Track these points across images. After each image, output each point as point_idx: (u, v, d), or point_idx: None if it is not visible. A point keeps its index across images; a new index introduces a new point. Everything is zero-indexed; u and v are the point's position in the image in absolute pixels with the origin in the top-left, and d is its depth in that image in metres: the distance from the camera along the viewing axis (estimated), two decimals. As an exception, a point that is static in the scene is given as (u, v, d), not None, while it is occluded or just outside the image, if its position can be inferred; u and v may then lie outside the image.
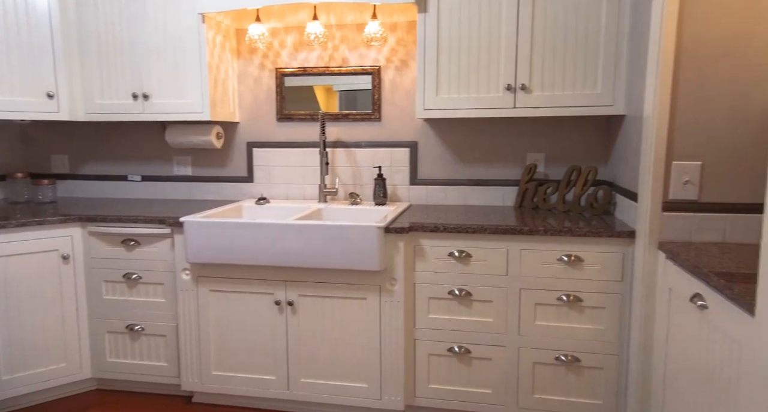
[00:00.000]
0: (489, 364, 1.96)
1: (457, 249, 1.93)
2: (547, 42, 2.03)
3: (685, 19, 1.58)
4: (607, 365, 1.87)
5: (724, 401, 1.22)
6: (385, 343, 1.98)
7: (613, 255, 1.83)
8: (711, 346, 1.29)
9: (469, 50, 2.09)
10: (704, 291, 1.32)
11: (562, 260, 1.87)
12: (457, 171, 2.47)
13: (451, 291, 1.95)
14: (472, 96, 2.12)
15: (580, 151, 2.34)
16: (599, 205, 2.15)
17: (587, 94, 2.03)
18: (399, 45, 2.44)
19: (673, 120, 1.64)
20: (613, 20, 1.97)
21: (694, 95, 1.62)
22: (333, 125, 2.55)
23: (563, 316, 1.89)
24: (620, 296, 1.83)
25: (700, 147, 1.63)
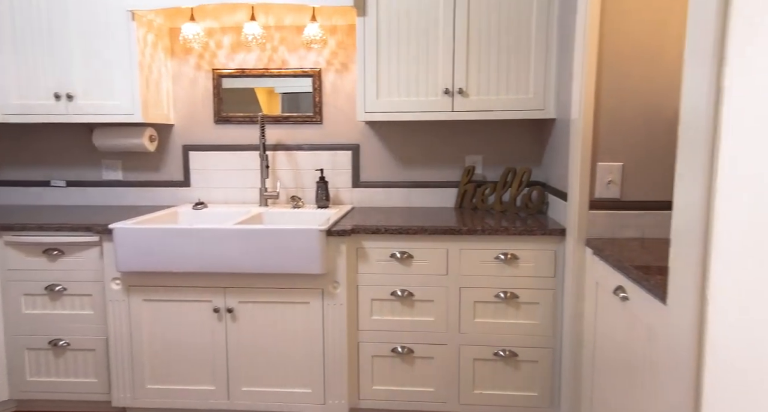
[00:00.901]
0: (431, 362, 2.00)
1: (399, 250, 1.96)
2: (483, 48, 2.10)
3: (605, 32, 1.69)
4: (542, 358, 1.95)
5: (646, 385, 1.30)
6: (328, 347, 1.96)
7: (546, 252, 1.91)
8: (632, 334, 1.38)
9: (408, 55, 2.13)
10: (625, 283, 1.41)
11: (499, 259, 1.93)
12: (399, 173, 2.50)
13: (394, 292, 1.97)
14: (411, 99, 2.15)
15: (516, 153, 2.44)
16: (533, 204, 2.24)
17: (520, 99, 2.11)
18: (339, 48, 2.45)
19: (597, 124, 1.74)
20: (542, 31, 2.06)
21: (614, 101, 1.72)
22: (274, 128, 2.51)
23: (501, 312, 1.96)
24: (553, 292, 1.92)
25: (621, 149, 1.74)
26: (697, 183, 0.95)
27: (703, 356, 0.93)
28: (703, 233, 0.93)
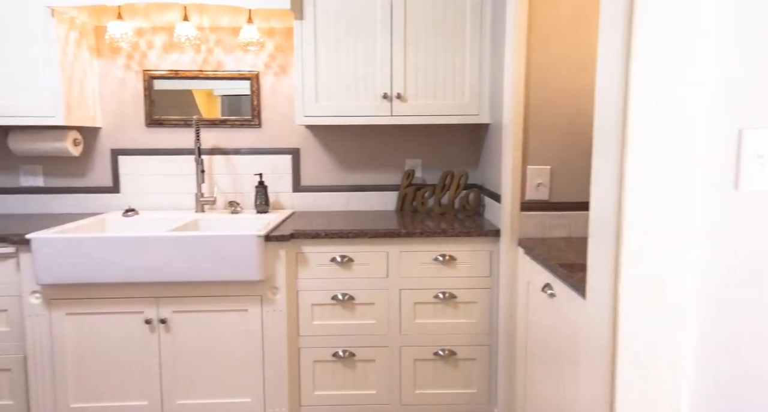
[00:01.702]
0: (373, 365, 2.01)
1: (340, 254, 1.96)
2: (420, 55, 2.14)
3: (533, 43, 1.77)
4: (479, 355, 2.01)
5: (571, 376, 1.37)
6: (268, 354, 1.93)
7: (482, 253, 1.98)
8: (558, 329, 1.45)
9: (347, 59, 2.14)
10: (552, 281, 1.48)
11: (437, 260, 1.98)
12: (340, 177, 2.50)
13: (335, 296, 1.97)
14: (351, 104, 2.16)
15: (454, 157, 2.50)
16: (470, 207, 2.31)
17: (456, 104, 2.17)
18: (278, 51, 2.42)
19: (527, 129, 1.83)
20: (476, 39, 2.13)
21: (542, 108, 1.81)
22: (210, 131, 2.44)
23: (440, 313, 2.00)
24: (489, 291, 1.99)
25: (549, 153, 1.83)
26: (609, 186, 1.01)
27: (616, 348, 1.00)
28: (615, 232, 1.00)
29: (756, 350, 0.95)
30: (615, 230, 1.00)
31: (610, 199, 1.01)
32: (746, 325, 0.95)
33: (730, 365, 0.96)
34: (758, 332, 0.95)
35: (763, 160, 0.95)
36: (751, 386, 0.95)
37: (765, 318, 0.94)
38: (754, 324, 0.95)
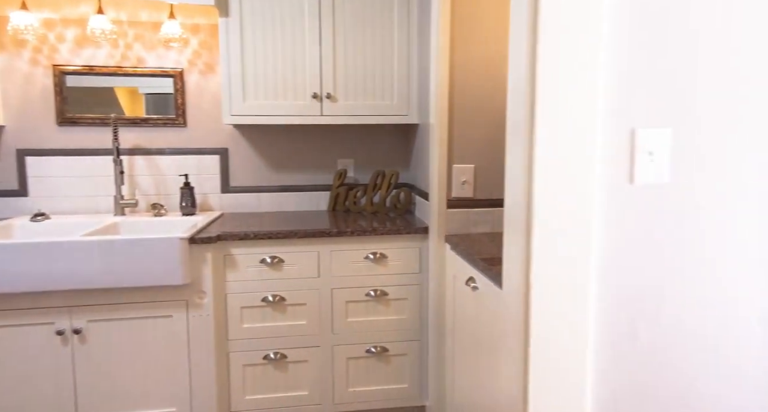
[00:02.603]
0: (305, 366, 1.99)
1: (269, 255, 1.93)
2: (349, 55, 2.16)
3: (456, 46, 1.83)
4: (410, 350, 2.05)
5: (493, 365, 1.44)
6: (194, 361, 1.86)
7: (412, 250, 2.02)
8: (481, 320, 1.51)
9: (275, 58, 2.11)
10: (475, 274, 1.54)
11: (368, 258, 2.00)
12: (270, 178, 2.46)
13: (265, 298, 1.93)
14: (280, 103, 2.14)
15: (386, 157, 2.54)
16: (402, 205, 2.35)
17: (386, 105, 2.21)
18: (203, 48, 2.34)
19: (452, 128, 1.89)
20: (404, 41, 2.18)
21: (466, 108, 1.88)
22: (131, 131, 2.33)
23: (372, 310, 2.02)
24: (419, 287, 2.03)
25: (472, 152, 1.91)
26: (520, 182, 1.07)
27: (529, 333, 1.06)
28: (526, 226, 1.05)
29: (649, 331, 1.04)
30: (526, 223, 1.06)
31: (521, 196, 1.07)
32: (641, 308, 1.04)
33: (628, 344, 1.04)
34: (651, 314, 1.04)
35: (653, 157, 1.04)
36: (645, 361, 1.04)
37: (657, 301, 1.04)
38: (648, 307, 1.04)
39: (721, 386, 1.05)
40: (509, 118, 1.13)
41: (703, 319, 1.04)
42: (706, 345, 1.04)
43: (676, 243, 1.02)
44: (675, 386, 1.05)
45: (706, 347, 1.04)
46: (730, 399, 1.05)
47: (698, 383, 1.05)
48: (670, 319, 1.04)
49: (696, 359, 1.04)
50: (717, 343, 1.04)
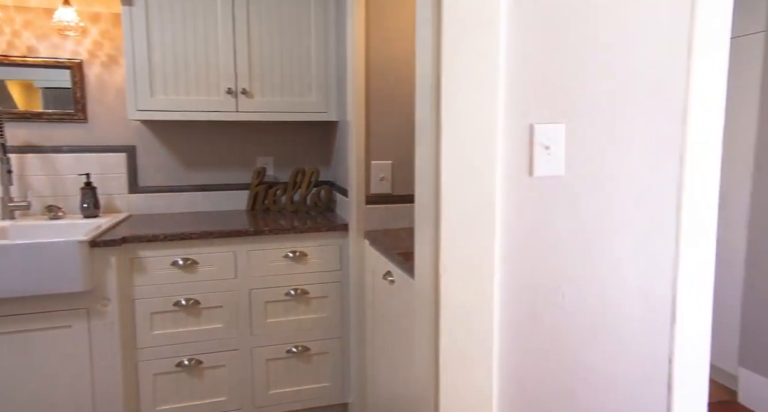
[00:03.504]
0: (222, 370, 1.92)
1: (182, 257, 1.84)
2: (265, 49, 2.11)
3: (371, 46, 1.85)
4: (332, 348, 2.04)
5: (408, 357, 1.47)
6: (98, 373, 1.73)
7: (332, 247, 2.01)
8: (397, 312, 1.54)
9: (186, 50, 2.02)
10: (392, 268, 1.57)
11: (288, 257, 1.96)
12: (183, 177, 2.35)
13: (178, 302, 1.84)
14: (192, 98, 2.05)
15: (307, 154, 2.51)
16: (322, 203, 2.34)
17: (304, 101, 2.18)
18: (105, 38, 2.19)
19: (369, 125, 1.91)
20: (321, 39, 2.16)
21: (382, 106, 1.91)
22: (21, 127, 2.12)
23: (292, 310, 1.99)
24: (340, 284, 2.03)
25: (390, 148, 1.94)
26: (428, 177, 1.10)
27: (439, 323, 1.09)
28: (434, 218, 1.09)
29: (549, 314, 1.11)
30: (434, 216, 1.09)
31: (429, 190, 1.10)
32: (542, 292, 1.10)
33: (530, 327, 1.10)
34: (551, 298, 1.11)
35: (549, 151, 1.11)
36: (546, 341, 1.11)
37: (556, 286, 1.11)
38: (548, 291, 1.11)
39: (610, 359, 1.14)
40: (417, 115, 1.16)
41: (596, 300, 1.12)
42: (598, 324, 1.13)
43: (571, 231, 1.10)
44: (571, 362, 1.13)
45: (598, 325, 1.13)
46: (616, 371, 1.15)
47: (590, 357, 1.13)
48: (568, 302, 1.11)
49: (589, 337, 1.12)
50: (607, 321, 1.13)
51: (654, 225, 1.14)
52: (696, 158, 1.14)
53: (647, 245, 1.14)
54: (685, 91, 1.12)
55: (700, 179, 1.15)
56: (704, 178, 1.15)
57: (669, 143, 1.12)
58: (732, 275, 2.27)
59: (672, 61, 1.09)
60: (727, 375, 2.33)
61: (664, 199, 1.14)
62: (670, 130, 1.11)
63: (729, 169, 2.28)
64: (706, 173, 1.14)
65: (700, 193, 1.15)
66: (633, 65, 1.08)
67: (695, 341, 1.19)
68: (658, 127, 1.11)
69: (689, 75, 1.11)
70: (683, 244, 1.15)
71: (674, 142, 1.12)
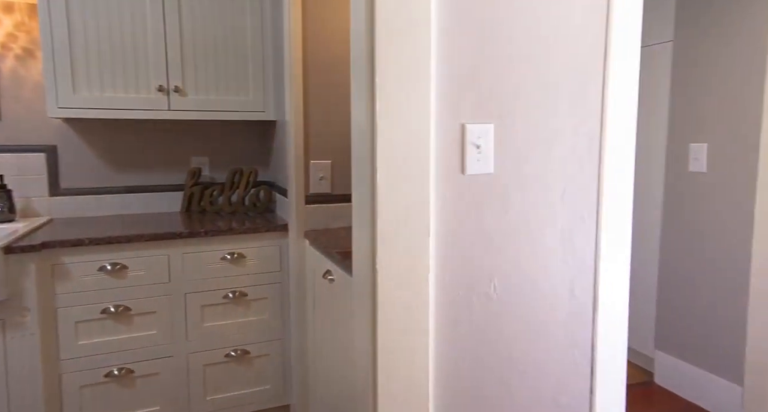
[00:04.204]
0: (156, 379, 1.84)
1: (110, 262, 1.75)
2: (198, 45, 2.04)
3: (308, 44, 1.85)
4: (272, 350, 2.01)
5: (348, 355, 1.48)
6: (15, 389, 1.61)
7: (272, 248, 1.98)
8: (338, 311, 1.55)
9: (112, 45, 1.92)
10: (332, 267, 1.57)
11: (226, 259, 1.91)
12: (112, 178, 2.23)
13: (106, 309, 1.75)
14: (119, 96, 1.95)
15: (245, 154, 2.46)
16: (261, 203, 2.30)
17: (241, 100, 2.14)
18: (20, 30, 2.04)
19: (308, 125, 1.90)
20: (257, 37, 2.13)
21: (321, 106, 1.90)
22: None
23: (231, 313, 1.94)
24: (280, 285, 2.00)
25: (329, 148, 1.94)
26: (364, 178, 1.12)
27: (376, 320, 1.11)
28: (371, 216, 1.10)
29: (482, 306, 1.16)
30: (371, 214, 1.11)
31: (366, 189, 1.12)
32: (475, 286, 1.15)
33: (465, 319, 1.15)
34: (481, 290, 1.15)
35: (480, 150, 1.16)
36: (476, 331, 1.15)
37: (488, 279, 1.16)
38: (481, 285, 1.15)
39: (539, 346, 1.21)
40: (353, 116, 1.17)
41: (526, 291, 1.18)
42: (527, 314, 1.19)
43: (502, 226, 1.15)
44: (503, 351, 1.18)
45: (528, 315, 1.19)
46: (545, 359, 1.21)
47: (521, 346, 1.19)
48: (499, 294, 1.16)
49: (519, 326, 1.18)
50: (536, 311, 1.19)
51: (577, 219, 1.21)
52: (613, 155, 1.22)
53: (571, 239, 1.21)
54: (601, 95, 1.20)
55: (618, 175, 1.23)
56: (621, 174, 1.23)
57: (589, 142, 1.20)
58: (648, 266, 2.45)
59: (590, 66, 1.17)
60: (645, 358, 2.52)
61: (586, 195, 1.22)
62: (589, 130, 1.19)
63: (643, 165, 2.47)
64: (622, 169, 1.23)
65: (618, 188, 1.24)
66: (555, 70, 1.14)
67: (615, 328, 1.28)
68: (578, 127, 1.18)
69: (605, 80, 1.20)
70: (603, 237, 1.24)
71: (593, 140, 1.20)
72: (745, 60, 1.96)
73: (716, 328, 2.11)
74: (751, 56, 1.94)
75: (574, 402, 1.26)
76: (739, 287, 2.02)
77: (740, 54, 1.98)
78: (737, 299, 2.03)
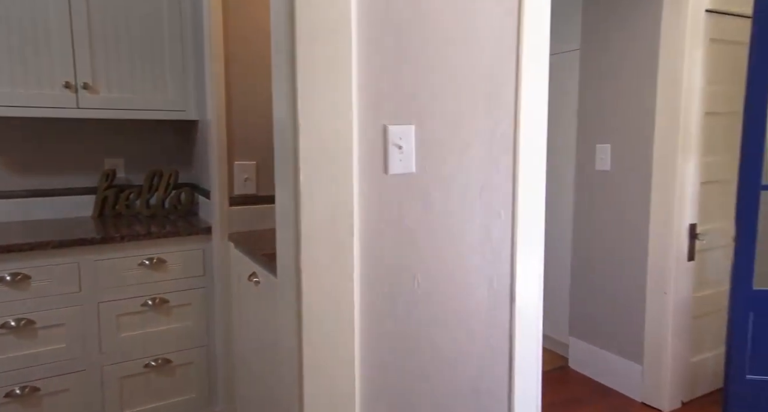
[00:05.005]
0: (66, 396, 1.72)
1: (10, 272, 1.60)
2: (110, 38, 1.92)
3: (230, 43, 1.80)
4: (196, 358, 1.94)
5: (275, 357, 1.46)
6: None
7: (195, 252, 1.91)
8: (263, 313, 1.53)
9: (10, 37, 1.76)
10: (257, 269, 1.55)
11: (144, 265, 1.82)
12: (13, 181, 2.04)
13: (5, 324, 1.60)
14: (19, 92, 1.79)
15: (164, 155, 2.34)
16: (183, 206, 2.21)
17: (159, 99, 2.04)
18: None
19: (231, 126, 1.85)
20: (176, 33, 2.04)
21: (244, 106, 1.86)
22: None
23: (150, 321, 1.85)
24: (204, 290, 1.94)
25: (254, 149, 1.90)
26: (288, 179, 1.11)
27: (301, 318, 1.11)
28: (294, 216, 1.10)
29: (403, 301, 1.19)
30: (294, 214, 1.10)
31: (289, 189, 1.12)
32: (399, 283, 1.18)
33: (390, 316, 1.17)
34: (405, 286, 1.19)
35: (402, 150, 1.19)
36: (401, 325, 1.18)
37: (411, 276, 1.19)
38: (405, 282, 1.18)
39: (461, 338, 1.26)
40: (275, 115, 1.16)
41: (447, 285, 1.23)
42: (449, 307, 1.23)
43: (424, 224, 1.19)
44: (427, 343, 1.22)
45: (450, 308, 1.24)
46: (468, 350, 1.27)
47: (444, 338, 1.24)
48: (422, 289, 1.20)
49: (442, 319, 1.23)
50: (457, 304, 1.25)
51: (494, 216, 1.28)
52: (527, 155, 1.30)
53: (489, 234, 1.28)
54: (515, 98, 1.27)
55: (531, 173, 1.31)
56: (534, 172, 1.32)
57: (504, 142, 1.27)
58: (562, 258, 2.63)
59: (504, 71, 1.24)
60: (560, 344, 2.70)
61: (503, 192, 1.29)
62: (504, 131, 1.26)
63: (556, 164, 2.64)
64: (535, 168, 1.31)
65: (532, 185, 1.32)
66: (472, 74, 1.20)
67: (531, 317, 1.36)
68: (495, 128, 1.25)
69: (518, 84, 1.27)
70: (519, 231, 1.31)
71: (508, 141, 1.28)
72: (640, 68, 2.16)
73: (620, 314, 2.31)
74: (645, 64, 2.14)
75: (494, 388, 1.33)
76: (638, 275, 2.22)
77: (636, 62, 2.18)
78: (638, 287, 2.23)
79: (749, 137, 1.91)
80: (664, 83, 2.06)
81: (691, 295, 2.16)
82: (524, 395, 1.37)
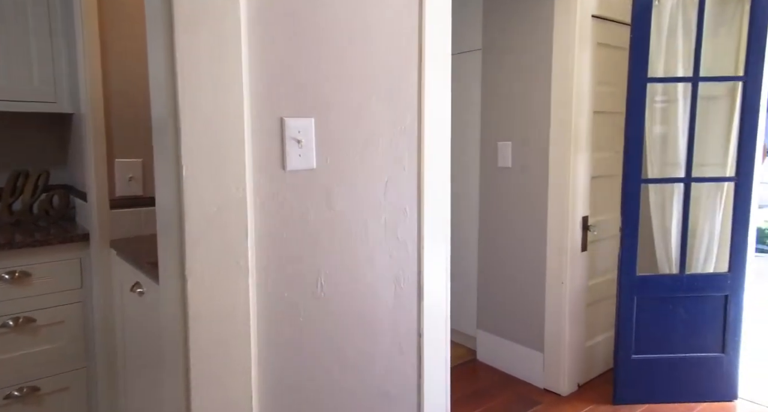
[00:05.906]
0: None
1: None
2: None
3: (106, 16, 1.60)
4: (73, 382, 1.70)
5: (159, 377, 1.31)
6: None
7: (69, 262, 1.68)
8: (148, 326, 1.37)
9: None
10: (141, 278, 1.38)
11: (4, 280, 1.56)
12: None
13: None
14: None
15: (31, 153, 2.04)
16: (56, 211, 1.94)
17: (23, 89, 1.77)
18: None
19: (110, 120, 1.65)
20: (43, 12, 1.78)
21: (126, 99, 1.67)
22: None
23: (12, 344, 1.59)
24: (81, 304, 1.71)
25: (139, 144, 1.71)
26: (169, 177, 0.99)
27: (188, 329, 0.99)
28: (178, 220, 0.97)
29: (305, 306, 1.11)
30: (177, 216, 0.98)
31: (170, 190, 0.99)
32: (300, 285, 1.09)
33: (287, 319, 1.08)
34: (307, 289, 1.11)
35: (301, 144, 1.11)
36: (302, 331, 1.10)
37: (313, 278, 1.11)
38: (307, 284, 1.10)
39: (368, 340, 1.21)
40: (153, 112, 1.03)
41: (353, 287, 1.17)
42: (355, 309, 1.18)
43: (327, 223, 1.12)
44: (331, 347, 1.15)
45: (355, 310, 1.18)
46: (375, 351, 1.22)
47: (350, 341, 1.18)
48: (326, 292, 1.13)
49: (347, 322, 1.17)
50: (363, 306, 1.19)
51: (400, 213, 1.24)
52: (431, 151, 1.28)
53: (395, 232, 1.23)
54: (418, 93, 1.24)
55: (436, 170, 1.29)
56: (438, 169, 1.30)
57: (408, 138, 1.23)
58: (469, 253, 2.70)
59: (405, 65, 1.20)
60: (469, 338, 2.76)
61: (408, 189, 1.25)
62: (407, 127, 1.23)
63: (462, 161, 2.70)
64: (439, 164, 1.30)
65: (436, 182, 1.30)
66: (372, 66, 1.15)
67: (439, 314, 1.34)
68: (397, 123, 1.21)
69: (421, 79, 1.24)
70: (425, 229, 1.29)
71: (412, 137, 1.24)
72: (537, 68, 2.26)
73: (523, 305, 2.41)
74: (541, 65, 2.24)
75: (403, 390, 1.29)
76: (539, 267, 2.32)
77: (533, 63, 2.27)
78: (538, 278, 2.33)
79: (630, 135, 2.07)
80: (557, 83, 2.16)
81: (585, 283, 2.30)
82: (433, 393, 1.35)
